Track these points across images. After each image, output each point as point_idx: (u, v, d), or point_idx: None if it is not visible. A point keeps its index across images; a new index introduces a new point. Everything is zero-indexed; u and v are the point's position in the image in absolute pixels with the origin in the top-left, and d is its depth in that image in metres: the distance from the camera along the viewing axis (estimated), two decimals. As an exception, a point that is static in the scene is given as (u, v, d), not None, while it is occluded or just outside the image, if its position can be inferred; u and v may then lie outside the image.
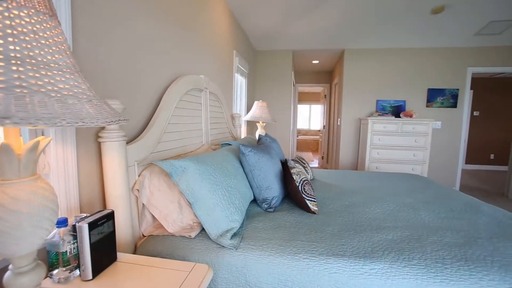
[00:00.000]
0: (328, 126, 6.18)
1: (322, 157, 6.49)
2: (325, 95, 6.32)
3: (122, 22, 1.16)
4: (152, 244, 1.12)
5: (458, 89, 4.12)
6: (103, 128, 1.03)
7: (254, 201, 1.62)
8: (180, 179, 1.14)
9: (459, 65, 4.10)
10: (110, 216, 0.85)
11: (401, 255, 1.04)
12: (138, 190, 1.17)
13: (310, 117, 10.43)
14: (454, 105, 4.15)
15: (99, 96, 0.62)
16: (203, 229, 1.21)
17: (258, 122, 3.32)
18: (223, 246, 1.08)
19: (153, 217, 1.26)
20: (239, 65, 3.22)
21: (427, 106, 4.22)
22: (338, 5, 2.83)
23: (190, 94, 1.78)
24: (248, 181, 1.50)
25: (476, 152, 6.61)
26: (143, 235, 1.22)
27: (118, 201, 1.03)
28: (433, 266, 0.98)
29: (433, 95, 4.18)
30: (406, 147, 3.74)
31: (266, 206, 1.46)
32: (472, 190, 4.51)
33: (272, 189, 1.47)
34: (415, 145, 3.72)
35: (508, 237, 1.23)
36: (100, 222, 0.79)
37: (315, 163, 6.85)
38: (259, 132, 3.28)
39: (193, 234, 1.14)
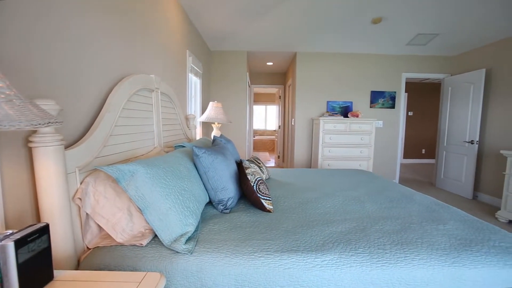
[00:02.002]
0: (283, 126, 6.38)
1: (278, 157, 6.68)
2: (280, 96, 6.52)
3: (60, 17, 1.04)
4: (99, 257, 1.03)
5: (395, 92, 4.60)
6: (34, 131, 0.92)
7: (210, 203, 1.60)
8: (129, 185, 1.07)
9: (395, 70, 4.58)
10: (44, 230, 0.76)
11: (349, 245, 1.13)
12: (80, 199, 1.07)
13: (266, 117, 10.65)
14: (393, 106, 4.63)
15: (24, 96, 0.55)
16: (155, 236, 1.16)
17: (214, 123, 3.28)
18: (178, 252, 1.04)
19: (99, 227, 1.16)
20: (193, 65, 3.14)
21: (370, 107, 4.62)
22: (289, 9, 2.95)
23: (140, 94, 1.69)
24: (203, 183, 1.48)
25: (411, 147, 7.47)
26: (87, 247, 1.11)
27: (55, 212, 0.93)
28: (376, 253, 1.08)
29: (375, 97, 4.60)
30: (354, 145, 4.05)
31: (222, 207, 1.46)
32: (408, 181, 5.08)
33: (228, 190, 1.47)
34: (361, 142, 4.05)
35: (434, 220, 1.42)
36: (31, 238, 0.70)
37: (271, 163, 7.02)
38: (215, 133, 3.24)
39: (144, 242, 1.08)
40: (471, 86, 3.97)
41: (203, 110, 3.85)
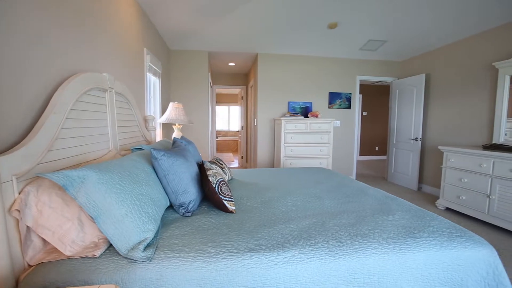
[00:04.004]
0: (246, 126, 6.42)
1: (242, 157, 6.70)
2: (242, 97, 6.54)
3: (-15, 3, 0.92)
4: (42, 274, 0.93)
5: (351, 93, 4.91)
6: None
7: (171, 207, 1.55)
8: (79, 192, 0.99)
9: (350, 73, 4.89)
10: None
11: (309, 240, 1.17)
12: (18, 211, 0.96)
13: (229, 118, 10.61)
14: (349, 107, 4.93)
15: None
16: (111, 246, 1.09)
17: (175, 125, 3.18)
18: (135, 260, 0.99)
19: (44, 241, 1.05)
20: (151, 64, 3.01)
21: (329, 107, 4.87)
22: (251, 11, 2.98)
23: (91, 94, 1.57)
24: (163, 187, 1.42)
25: (366, 145, 8.03)
26: (29, 265, 1.00)
27: (-13, 227, 0.82)
28: (334, 246, 1.14)
29: (333, 98, 4.85)
30: (314, 144, 4.22)
31: (183, 211, 1.42)
32: (364, 176, 5.45)
33: (189, 193, 1.43)
34: (321, 141, 4.24)
35: (384, 211, 1.54)
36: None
37: (235, 163, 7.01)
38: (175, 134, 3.14)
39: (98, 253, 1.01)
40: (414, 89, 4.40)
41: (163, 111, 3.71)
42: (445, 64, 3.95)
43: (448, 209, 3.39)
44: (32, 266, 0.99)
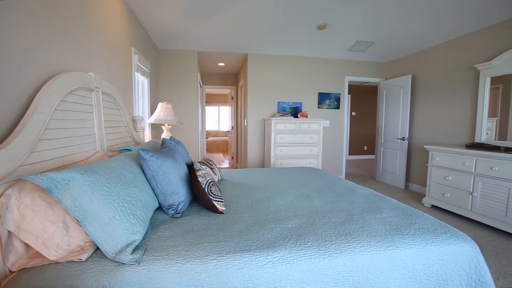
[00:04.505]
0: (236, 127, 6.41)
1: (232, 157, 6.68)
2: (232, 97, 6.53)
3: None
4: (26, 280, 0.90)
5: (340, 94, 4.97)
6: None
7: (160, 208, 1.53)
8: (64, 195, 0.96)
9: (339, 73, 4.95)
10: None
11: (299, 240, 1.18)
12: None
13: (219, 118, 10.57)
14: (338, 107, 4.99)
15: None
16: (98, 249, 1.06)
17: (164, 125, 3.14)
18: (123, 263, 0.97)
19: (27, 245, 1.02)
20: (139, 64, 2.96)
21: (318, 108, 4.92)
22: (240, 10, 2.97)
23: (76, 94, 1.53)
24: (152, 188, 1.40)
25: (354, 145, 8.16)
26: (10, 271, 0.97)
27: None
28: (323, 245, 1.15)
29: (322, 98, 4.91)
30: (304, 144, 4.25)
31: (172, 212, 1.40)
32: (353, 176, 5.53)
33: (178, 194, 1.42)
34: (310, 141, 4.28)
35: (373, 210, 1.57)
36: None
37: (226, 164, 6.99)
38: (165, 135, 3.11)
39: (84, 257, 0.98)
40: (401, 90, 4.50)
41: (152, 111, 3.66)
42: (430, 65, 4.06)
43: (433, 206, 3.48)
44: (14, 272, 0.96)
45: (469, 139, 3.44)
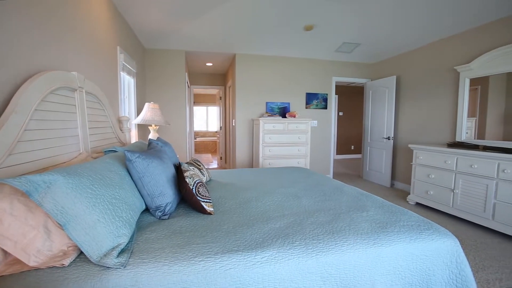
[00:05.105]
0: (224, 127, 6.38)
1: (221, 158, 6.65)
2: (221, 97, 6.50)
3: None
4: None
5: (327, 94, 5.04)
6: None
7: (147, 210, 1.50)
8: (45, 198, 0.93)
9: (326, 74, 5.02)
10: None
11: (287, 239, 1.19)
12: (-24, 220, 0.88)
13: (208, 118, 10.49)
14: (325, 107, 5.06)
15: None
16: (82, 253, 1.03)
17: (151, 126, 3.09)
18: (109, 267, 0.95)
19: (4, 252, 0.98)
20: (125, 63, 2.90)
21: (306, 108, 4.96)
22: (227, 10, 2.96)
23: (58, 94, 1.48)
24: (138, 190, 1.38)
25: (342, 144, 8.28)
26: (-13, 278, 0.92)
27: None
28: (311, 244, 1.16)
29: (310, 98, 4.96)
30: (292, 144, 4.28)
31: (159, 214, 1.38)
32: (341, 175, 5.61)
33: (165, 195, 1.40)
34: (298, 141, 4.31)
35: (359, 208, 1.60)
36: None
37: (214, 164, 6.95)
38: (152, 136, 3.06)
39: (67, 262, 0.95)
40: (386, 90, 4.61)
41: (139, 111, 3.59)
42: (414, 66, 4.18)
43: (418, 204, 3.58)
44: (-8, 279, 0.92)
45: (451, 138, 3.56)
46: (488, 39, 3.09)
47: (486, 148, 2.81)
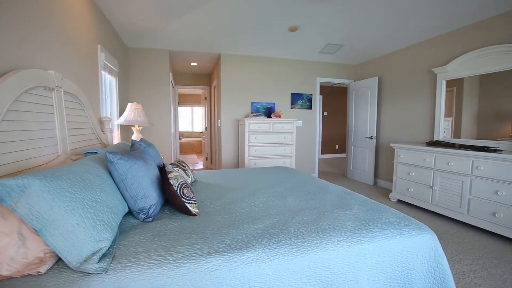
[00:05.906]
0: (210, 127, 6.33)
1: (206, 158, 6.59)
2: (206, 97, 6.44)
3: None
4: (-25, 297, 0.82)
5: (312, 94, 5.11)
6: None
7: (130, 213, 1.47)
8: (18, 203, 0.89)
9: (311, 74, 5.09)
10: None
11: (272, 239, 1.19)
12: None
13: (193, 119, 10.38)
14: (310, 107, 5.12)
15: None
16: (60, 259, 0.99)
17: (134, 126, 3.02)
18: (89, 273, 0.92)
19: (-24, 259, 0.92)
20: (106, 62, 2.82)
21: (291, 108, 5.01)
22: (212, 10, 2.94)
23: (33, 93, 1.42)
24: (121, 192, 1.34)
25: (327, 144, 8.42)
26: (-43, 288, 0.87)
27: None
28: (296, 243, 1.17)
29: (295, 98, 5.00)
30: (278, 144, 4.31)
31: (143, 216, 1.35)
32: (325, 174, 5.70)
33: (149, 197, 1.37)
34: (284, 141, 4.34)
35: (343, 206, 1.63)
36: None
37: (200, 165, 6.87)
38: (135, 137, 2.99)
39: (43, 269, 0.91)
40: (368, 91, 4.73)
41: (121, 112, 3.50)
42: (395, 68, 4.31)
43: (399, 201, 3.70)
44: (-39, 290, 0.87)
45: (430, 137, 3.70)
46: (462, 43, 3.24)
47: (461, 147, 2.94)
